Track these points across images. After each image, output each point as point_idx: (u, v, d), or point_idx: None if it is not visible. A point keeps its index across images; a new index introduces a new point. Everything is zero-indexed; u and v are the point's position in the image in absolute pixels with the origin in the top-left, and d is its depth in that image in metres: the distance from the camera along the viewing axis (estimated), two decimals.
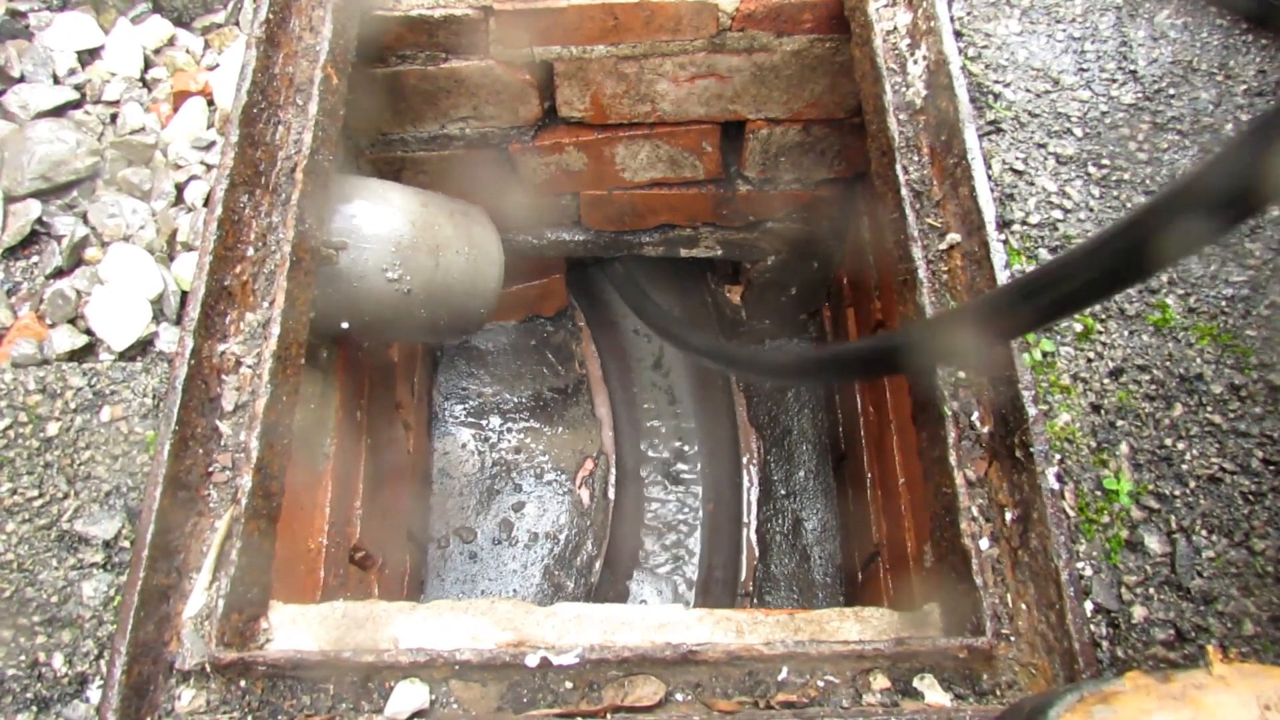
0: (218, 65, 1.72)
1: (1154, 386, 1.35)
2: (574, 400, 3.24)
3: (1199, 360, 1.36)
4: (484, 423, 3.15)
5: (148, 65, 1.71)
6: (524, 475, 3.09)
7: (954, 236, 1.48)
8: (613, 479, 3.14)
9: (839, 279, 2.83)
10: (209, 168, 1.60)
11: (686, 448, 3.18)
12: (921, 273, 1.45)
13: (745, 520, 3.07)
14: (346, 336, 1.94)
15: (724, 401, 3.21)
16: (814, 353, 1.67)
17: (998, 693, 1.20)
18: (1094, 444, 1.31)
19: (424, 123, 2.24)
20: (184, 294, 1.48)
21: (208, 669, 1.23)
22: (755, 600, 2.94)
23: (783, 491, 3.07)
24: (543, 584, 2.94)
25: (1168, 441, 1.31)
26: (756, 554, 3.02)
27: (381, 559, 2.35)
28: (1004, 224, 1.48)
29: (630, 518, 3.07)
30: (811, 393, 3.17)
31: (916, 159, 1.57)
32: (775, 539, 3.02)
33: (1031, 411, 1.28)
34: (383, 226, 1.82)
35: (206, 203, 1.55)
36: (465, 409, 3.16)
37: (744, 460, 3.15)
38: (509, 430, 3.15)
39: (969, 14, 1.69)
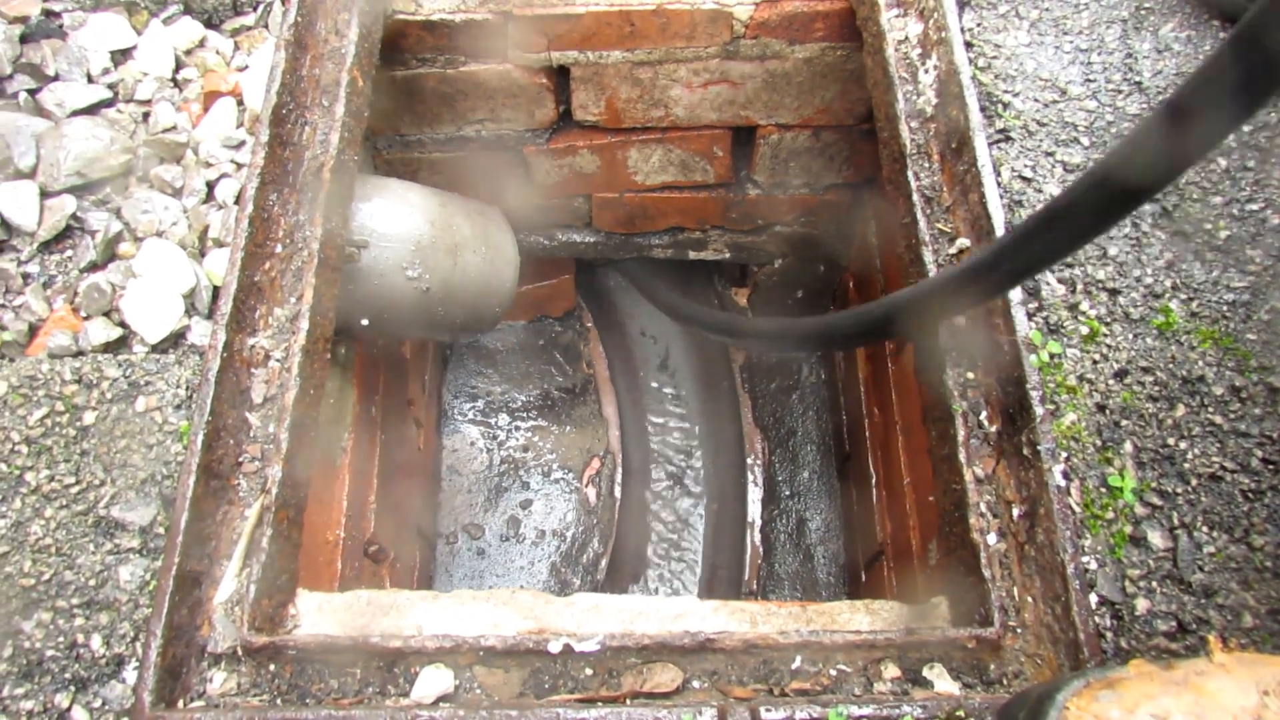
0: (247, 67, 1.76)
1: (1157, 388, 1.39)
2: (581, 400, 3.28)
3: (1201, 363, 1.40)
4: (492, 421, 3.19)
5: (179, 66, 1.75)
6: (532, 473, 3.13)
7: (964, 241, 1.52)
8: (619, 478, 3.18)
9: (845, 282, 2.87)
10: (239, 166, 1.64)
11: (692, 448, 3.22)
12: (932, 276, 1.49)
13: (750, 520, 3.11)
14: (363, 333, 1.98)
15: (729, 402, 3.26)
16: (813, 321, 1.75)
17: (1005, 682, 1.24)
18: (1099, 442, 1.36)
19: (441, 124, 2.28)
20: (215, 289, 1.52)
21: (239, 652, 1.26)
22: (759, 599, 2.98)
23: (787, 492, 3.11)
24: (549, 581, 2.98)
25: (1170, 441, 1.35)
26: (761, 553, 3.06)
27: (393, 553, 2.38)
28: None
29: (636, 516, 3.11)
30: (816, 394, 3.22)
31: (927, 165, 1.61)
32: (779, 538, 3.06)
33: (1039, 411, 1.33)
34: (403, 226, 1.86)
35: (237, 200, 1.59)
36: (474, 407, 3.21)
37: (749, 461, 3.19)
38: (517, 428, 3.19)
39: (979, 25, 1.73)
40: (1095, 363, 1.41)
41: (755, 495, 3.15)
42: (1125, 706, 1.00)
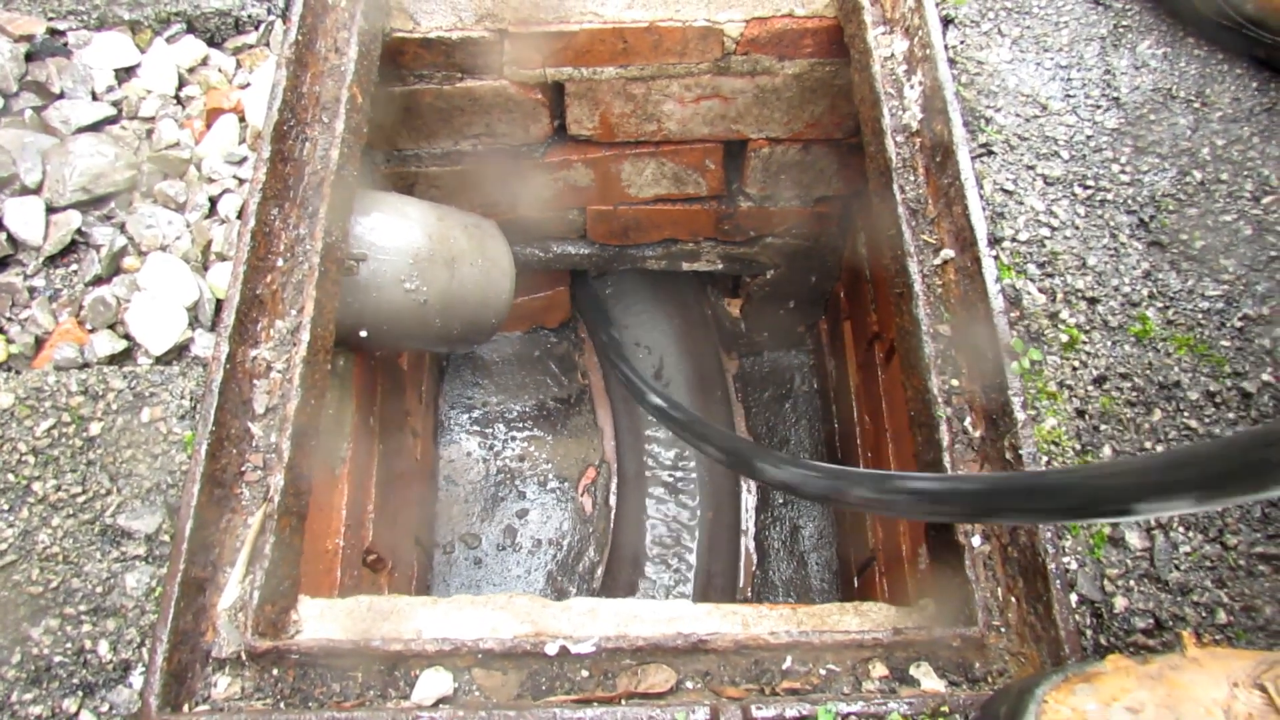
0: (249, 84, 1.80)
1: (1135, 393, 1.43)
2: (576, 409, 3.31)
3: (1177, 369, 1.45)
4: (489, 431, 3.23)
5: (182, 83, 1.79)
6: (528, 483, 3.16)
7: (948, 252, 1.57)
8: (614, 487, 3.21)
9: (836, 292, 2.92)
10: (241, 181, 1.68)
11: (686, 456, 3.25)
12: (917, 286, 1.54)
13: (744, 528, 3.14)
14: (361, 344, 2.01)
15: (723, 411, 3.29)
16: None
17: (989, 679, 1.27)
18: (1079, 447, 1.40)
19: (438, 139, 2.33)
20: (218, 302, 1.56)
21: (243, 657, 1.29)
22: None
23: (780, 499, 3.14)
24: (546, 589, 3.01)
25: (1148, 444, 1.39)
26: (755, 560, 3.09)
27: (392, 562, 2.41)
28: (995, 241, 1.56)
29: (631, 525, 3.14)
30: (808, 403, 3.26)
31: (913, 179, 1.65)
32: (773, 546, 3.09)
33: (1020, 416, 1.37)
34: (401, 239, 1.90)
35: (240, 215, 1.63)
36: (470, 417, 3.24)
37: None
38: (513, 438, 3.23)
39: (962, 42, 1.78)
40: (1075, 369, 1.46)
41: (749, 503, 3.19)
42: (1101, 700, 1.03)
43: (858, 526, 2.56)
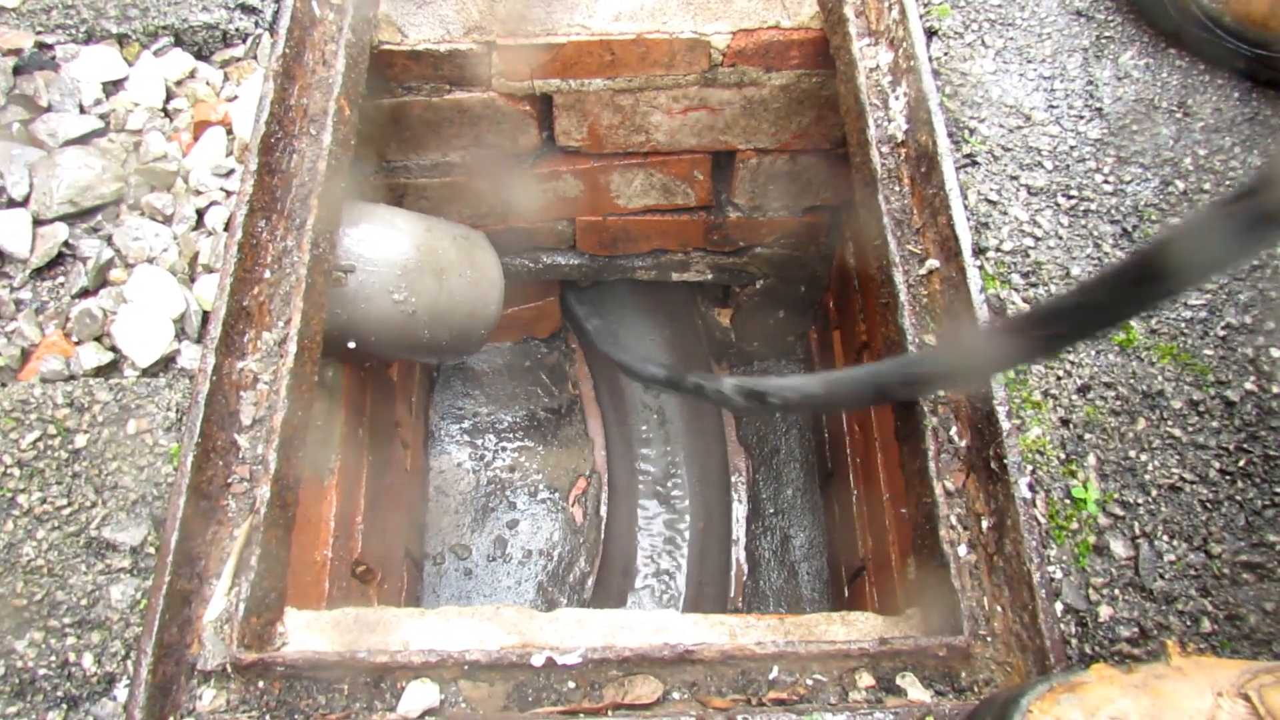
0: (236, 97, 1.81)
1: (1119, 402, 1.44)
2: (567, 420, 3.31)
3: (1160, 378, 1.46)
4: (479, 441, 3.22)
5: (169, 96, 1.79)
6: (518, 493, 3.16)
7: (933, 262, 1.58)
8: (605, 497, 3.21)
9: (825, 302, 2.93)
10: (228, 194, 1.68)
11: (677, 467, 3.25)
12: (903, 296, 1.54)
13: (734, 538, 3.14)
14: (350, 355, 2.01)
15: (713, 422, 3.30)
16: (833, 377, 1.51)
17: (975, 689, 1.27)
18: (1063, 456, 1.40)
19: (427, 150, 2.33)
20: (205, 314, 1.56)
21: (228, 670, 1.29)
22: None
23: (771, 509, 3.15)
24: (536, 600, 3.00)
25: (1131, 453, 1.40)
26: (745, 571, 3.09)
27: (381, 574, 2.40)
28: (979, 250, 1.57)
29: (622, 535, 3.14)
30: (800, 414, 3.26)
31: (898, 189, 1.66)
32: (764, 556, 3.09)
33: (1005, 426, 1.37)
34: (390, 251, 1.90)
35: (227, 227, 1.63)
36: (461, 428, 3.23)
37: (733, 479, 3.22)
38: (503, 449, 3.22)
39: (946, 54, 1.80)
40: (1059, 379, 1.46)
41: (740, 513, 3.19)
42: (1086, 709, 1.04)
43: (847, 536, 2.56)
